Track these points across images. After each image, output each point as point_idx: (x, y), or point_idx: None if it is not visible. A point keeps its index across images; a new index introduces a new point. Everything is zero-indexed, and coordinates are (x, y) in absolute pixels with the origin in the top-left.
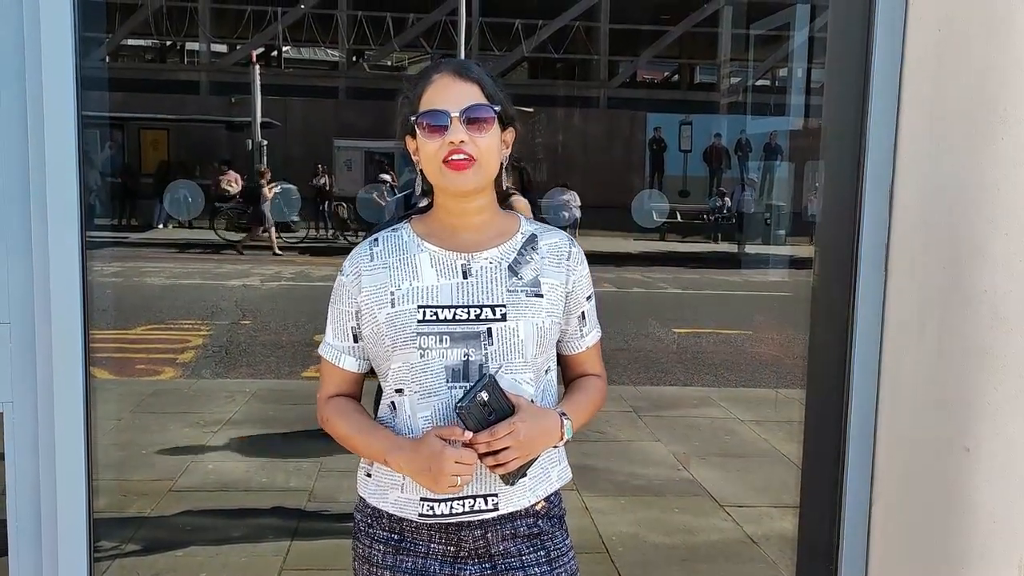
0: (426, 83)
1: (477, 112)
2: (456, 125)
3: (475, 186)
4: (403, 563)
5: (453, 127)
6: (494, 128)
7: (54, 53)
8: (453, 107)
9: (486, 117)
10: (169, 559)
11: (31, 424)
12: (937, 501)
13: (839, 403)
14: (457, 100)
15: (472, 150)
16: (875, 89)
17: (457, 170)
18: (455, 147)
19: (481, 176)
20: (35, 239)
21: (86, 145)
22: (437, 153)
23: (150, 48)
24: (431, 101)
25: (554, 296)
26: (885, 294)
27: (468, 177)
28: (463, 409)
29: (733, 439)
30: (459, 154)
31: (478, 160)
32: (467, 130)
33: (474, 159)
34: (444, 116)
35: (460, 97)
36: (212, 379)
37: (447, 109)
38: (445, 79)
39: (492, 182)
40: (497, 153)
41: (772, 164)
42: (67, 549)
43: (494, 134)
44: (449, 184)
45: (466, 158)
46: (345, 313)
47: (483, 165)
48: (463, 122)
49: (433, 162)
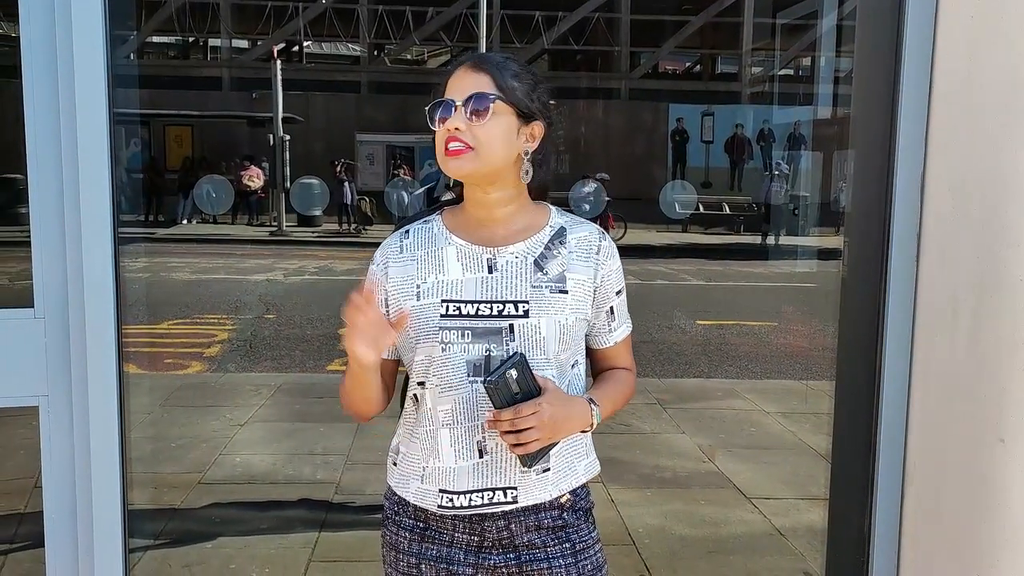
0: (447, 75)
1: (478, 101)
2: (457, 113)
3: (471, 172)
4: (428, 551)
5: (454, 115)
6: (499, 118)
7: (86, 50)
8: (458, 96)
9: (486, 106)
10: (199, 551)
11: (66, 418)
12: (971, 493)
13: (870, 394)
14: (463, 89)
15: (468, 138)
16: (906, 76)
17: (451, 156)
18: (451, 135)
19: (479, 164)
20: (68, 235)
21: (115, 141)
22: (440, 140)
23: (173, 45)
24: (443, 92)
25: (580, 292)
26: (917, 284)
27: (462, 163)
28: (491, 384)
29: (759, 431)
30: (454, 142)
31: (475, 148)
32: (467, 119)
33: (471, 148)
34: (449, 105)
35: (466, 86)
36: (238, 373)
37: (453, 98)
38: (460, 70)
39: (506, 174)
40: (503, 143)
41: (796, 154)
42: (102, 541)
43: (498, 124)
44: (447, 170)
45: (461, 146)
46: (376, 301)
47: (481, 154)
48: (466, 110)
49: (439, 150)
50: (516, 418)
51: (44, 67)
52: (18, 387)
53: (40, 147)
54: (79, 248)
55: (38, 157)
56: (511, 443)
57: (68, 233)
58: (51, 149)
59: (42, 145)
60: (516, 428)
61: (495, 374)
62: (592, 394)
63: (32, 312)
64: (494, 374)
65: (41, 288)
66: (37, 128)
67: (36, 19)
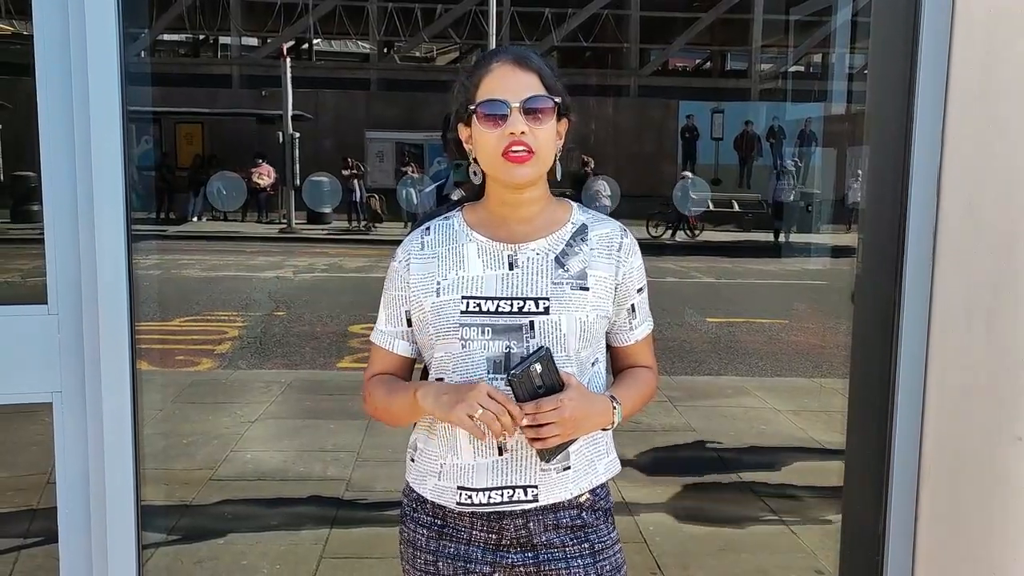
0: (484, 71)
1: (537, 103)
2: (516, 116)
3: (532, 178)
4: (446, 548)
5: (513, 118)
6: (552, 120)
7: (100, 48)
8: (513, 97)
9: (545, 108)
10: (211, 547)
11: (79, 414)
12: (987, 492)
13: (885, 391)
14: (516, 90)
15: (531, 141)
16: (922, 72)
17: (517, 163)
18: (515, 139)
19: (538, 168)
20: (82, 232)
21: (127, 139)
22: (497, 144)
23: (183, 43)
24: (490, 90)
25: (601, 289)
26: (933, 281)
27: (527, 170)
28: (515, 377)
29: (769, 428)
30: (519, 146)
31: (536, 152)
32: (526, 121)
33: (533, 151)
34: (504, 106)
35: (520, 87)
36: (249, 370)
37: (507, 99)
38: (505, 68)
39: (545, 173)
40: (553, 144)
41: (807, 151)
42: (116, 537)
43: (551, 126)
44: (507, 177)
45: (526, 150)
46: (398, 298)
47: (541, 157)
48: (523, 113)
49: (492, 153)
50: (537, 411)
51: (58, 65)
52: (32, 383)
53: (53, 144)
54: (92, 245)
55: (51, 154)
56: (530, 437)
57: (82, 230)
58: (65, 146)
59: (55, 142)
60: (536, 423)
61: (519, 367)
62: (614, 392)
63: (46, 308)
64: (519, 367)
65: (55, 285)
66: (50, 125)
67: (49, 18)
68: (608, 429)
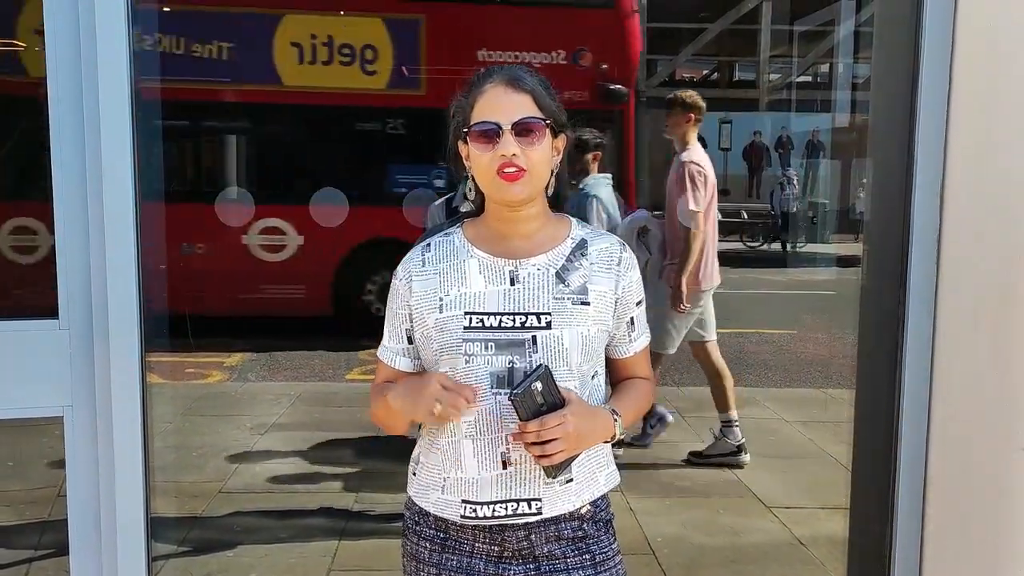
0: (478, 92)
1: (528, 124)
2: (507, 137)
3: (526, 196)
4: (449, 561)
5: (504, 139)
6: (545, 139)
7: (110, 63)
8: (504, 119)
9: (536, 129)
10: (221, 560)
11: (90, 427)
12: (992, 503)
13: (890, 402)
14: (508, 112)
15: (523, 162)
16: (924, 83)
17: (509, 181)
18: (506, 160)
19: (532, 186)
20: (92, 245)
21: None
22: (490, 164)
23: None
24: (482, 112)
25: (602, 303)
26: (937, 292)
27: (520, 188)
28: (517, 397)
29: (778, 439)
30: (511, 167)
31: (529, 171)
32: (518, 142)
33: (525, 170)
34: (495, 128)
35: (511, 109)
36: (258, 382)
37: (498, 121)
38: (497, 89)
39: (543, 190)
40: (547, 162)
41: (815, 161)
42: (126, 550)
43: (545, 145)
44: (502, 195)
45: (517, 170)
46: (399, 315)
47: (534, 176)
48: (514, 134)
49: (486, 173)
50: (542, 430)
51: (70, 86)
52: (43, 397)
53: (65, 158)
54: (103, 258)
55: (63, 168)
56: (536, 454)
57: (92, 244)
58: (76, 161)
59: (67, 156)
60: (542, 440)
61: (520, 387)
62: (614, 404)
63: (56, 323)
64: (519, 387)
65: (65, 298)
66: (62, 137)
67: (60, 37)
68: (609, 441)
